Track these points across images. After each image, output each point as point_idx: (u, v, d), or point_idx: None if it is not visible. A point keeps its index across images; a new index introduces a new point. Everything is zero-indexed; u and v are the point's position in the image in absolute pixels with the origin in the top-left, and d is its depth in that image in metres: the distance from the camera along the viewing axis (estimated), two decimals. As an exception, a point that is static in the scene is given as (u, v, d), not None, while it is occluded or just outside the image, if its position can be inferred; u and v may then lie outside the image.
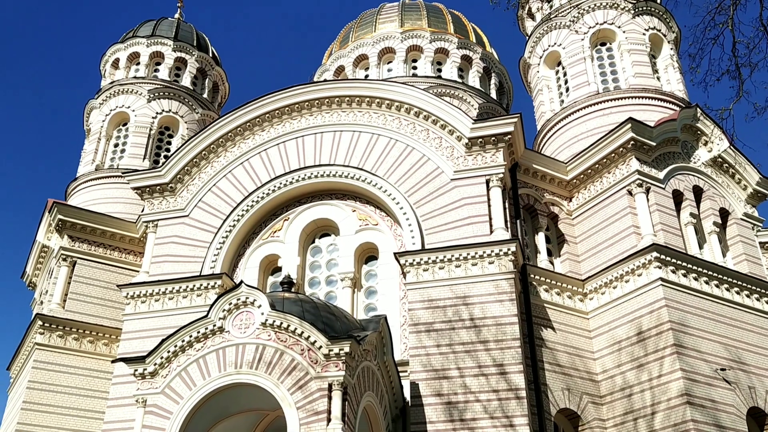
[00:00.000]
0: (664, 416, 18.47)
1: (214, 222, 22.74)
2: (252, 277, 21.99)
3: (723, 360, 19.56)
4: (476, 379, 18.10)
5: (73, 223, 25.21)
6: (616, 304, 20.82)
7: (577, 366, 20.35)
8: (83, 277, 24.88)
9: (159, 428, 15.10)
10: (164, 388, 15.51)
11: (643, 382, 19.25)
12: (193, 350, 15.73)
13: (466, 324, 18.86)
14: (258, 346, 15.35)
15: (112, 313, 24.45)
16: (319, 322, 15.63)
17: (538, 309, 20.55)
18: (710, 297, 20.61)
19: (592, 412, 19.82)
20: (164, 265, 22.43)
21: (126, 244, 25.86)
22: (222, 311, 15.80)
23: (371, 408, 16.65)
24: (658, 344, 19.21)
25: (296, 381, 14.83)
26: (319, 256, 22.65)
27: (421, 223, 20.79)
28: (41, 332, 23.48)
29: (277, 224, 22.89)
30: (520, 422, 17.38)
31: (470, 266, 19.66)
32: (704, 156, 23.96)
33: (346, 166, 22.40)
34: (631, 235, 21.19)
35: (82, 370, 23.48)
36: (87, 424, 22.60)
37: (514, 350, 18.31)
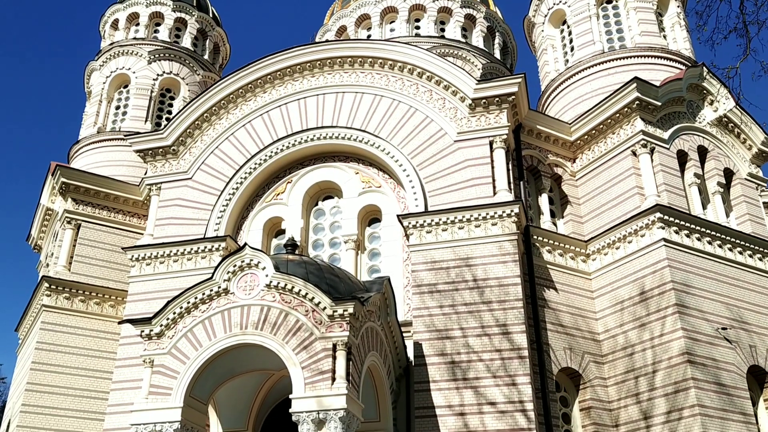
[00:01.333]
0: (665, 374, 18.70)
1: (217, 184, 22.74)
2: (256, 239, 22.08)
3: (724, 319, 19.71)
4: (479, 339, 18.29)
5: (76, 186, 25.25)
6: (618, 264, 20.90)
7: (579, 326, 20.54)
8: (88, 239, 25.02)
9: (166, 387, 15.34)
10: (171, 349, 15.70)
11: (645, 341, 19.45)
12: (199, 311, 15.89)
13: (469, 285, 18.97)
14: (263, 308, 15.50)
15: (118, 275, 24.64)
16: (323, 283, 15.75)
17: (541, 270, 20.64)
18: (713, 257, 20.68)
19: (593, 370, 20.06)
20: (168, 228, 22.52)
21: (130, 206, 25.92)
22: (227, 273, 15.91)
23: (375, 367, 16.88)
24: (660, 304, 19.35)
25: (301, 341, 15.00)
26: (323, 219, 22.69)
27: (424, 185, 20.76)
28: (48, 294, 23.71)
29: (280, 187, 22.89)
30: (522, 381, 17.62)
31: (473, 228, 19.69)
32: (710, 116, 23.78)
33: (349, 128, 22.29)
34: (635, 196, 21.17)
35: (89, 331, 23.78)
36: (96, 384, 22.97)
37: (516, 311, 18.46)
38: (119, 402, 20.08)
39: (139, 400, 15.45)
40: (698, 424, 17.58)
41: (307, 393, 14.49)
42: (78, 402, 22.68)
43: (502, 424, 17.22)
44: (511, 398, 17.46)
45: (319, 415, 14.25)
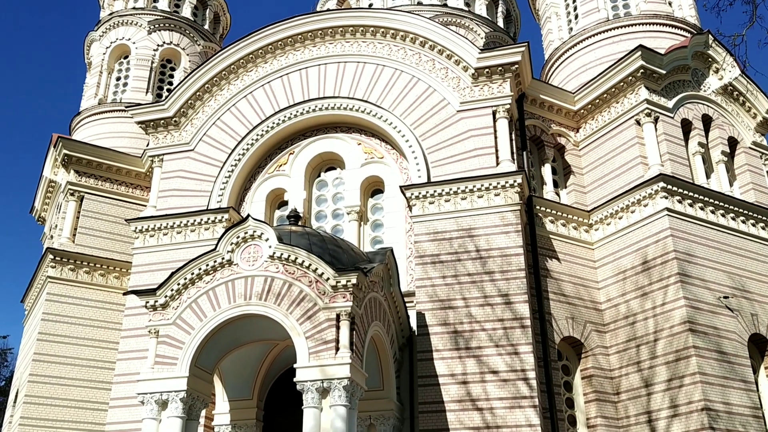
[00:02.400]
0: (666, 343, 18.83)
1: (220, 156, 22.71)
2: (258, 211, 22.10)
3: (726, 288, 19.79)
4: (482, 308, 18.40)
5: (78, 158, 25.23)
6: (621, 234, 20.92)
7: (581, 295, 20.63)
8: (91, 211, 25.07)
9: (172, 357, 15.49)
10: (176, 319, 15.83)
11: (647, 310, 19.55)
12: (203, 282, 15.97)
13: (472, 255, 19.03)
14: (267, 278, 15.57)
15: (122, 246, 24.74)
16: (326, 254, 15.80)
17: (543, 240, 20.68)
18: (716, 226, 20.68)
19: (595, 339, 20.21)
20: (171, 200, 22.54)
21: (132, 178, 25.93)
22: (230, 244, 15.96)
23: (378, 337, 17.02)
24: (663, 273, 19.41)
25: (305, 312, 15.10)
26: (325, 190, 22.68)
27: (427, 156, 20.70)
28: (53, 266, 23.84)
29: (283, 158, 22.85)
30: (525, 350, 17.76)
31: (476, 198, 19.68)
32: (715, 84, 23.59)
33: (351, 99, 22.16)
34: (638, 166, 21.11)
35: (94, 302, 23.95)
36: (102, 354, 23.21)
37: (519, 281, 18.53)
38: (126, 372, 20.31)
39: (145, 369, 15.62)
40: (699, 391, 17.75)
41: (312, 362, 14.62)
42: (85, 372, 22.95)
43: (504, 393, 17.41)
44: (513, 367, 17.62)
45: (323, 384, 14.41)
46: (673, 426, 18.06)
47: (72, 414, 22.33)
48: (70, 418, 22.25)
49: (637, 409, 19.06)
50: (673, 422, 18.10)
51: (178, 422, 15.06)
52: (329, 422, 14.21)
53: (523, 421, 17.06)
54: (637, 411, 19.05)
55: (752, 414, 18.33)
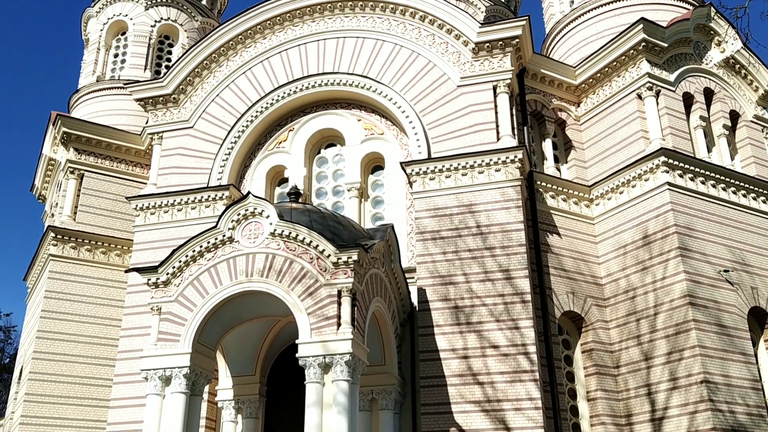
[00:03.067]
0: (666, 316, 18.93)
1: (219, 133, 22.63)
2: (259, 188, 22.09)
3: (727, 262, 19.83)
4: (482, 284, 18.46)
5: (78, 135, 25.17)
6: (622, 209, 20.92)
7: (581, 270, 20.69)
8: (92, 189, 25.07)
9: (174, 334, 15.59)
10: (177, 297, 15.90)
11: (647, 285, 19.62)
12: (204, 260, 16.01)
13: (473, 231, 19.05)
14: (268, 256, 15.61)
15: (123, 224, 24.78)
16: (327, 231, 15.81)
17: (544, 215, 20.69)
18: (717, 200, 20.68)
19: (595, 314, 20.31)
20: (171, 177, 22.52)
21: (132, 156, 25.89)
22: (231, 222, 15.97)
23: (380, 313, 17.11)
24: (663, 248, 19.44)
25: (306, 288, 15.17)
26: (326, 167, 22.63)
27: (427, 132, 20.62)
28: (54, 244, 23.89)
29: (282, 135, 22.77)
30: (525, 324, 17.86)
31: (477, 174, 19.65)
32: (716, 57, 23.43)
33: (350, 74, 22.02)
34: (639, 140, 21.04)
35: (97, 280, 24.05)
36: (105, 331, 23.36)
37: (519, 256, 18.57)
38: (129, 348, 20.45)
39: (148, 346, 15.72)
40: (698, 364, 17.88)
41: (314, 338, 14.72)
42: (88, 348, 23.12)
43: (505, 367, 17.54)
44: (514, 341, 17.73)
45: (325, 359, 14.51)
46: (673, 398, 18.22)
47: (76, 390, 22.54)
48: (74, 394, 22.47)
49: (636, 382, 19.22)
50: (672, 394, 18.26)
51: (182, 398, 15.21)
52: (331, 397, 14.34)
53: (523, 394, 17.22)
54: (636, 384, 19.21)
55: (751, 386, 18.48)
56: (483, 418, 17.18)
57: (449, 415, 17.35)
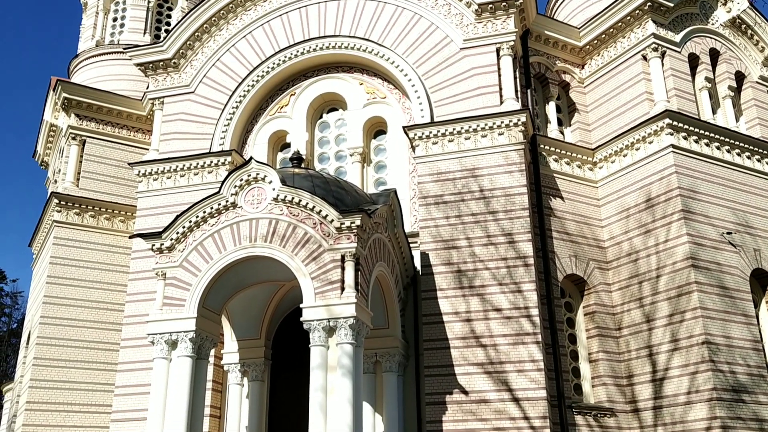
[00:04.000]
0: (669, 279, 19.02)
1: (220, 98, 22.49)
2: (261, 153, 22.03)
3: (730, 224, 19.85)
4: (485, 248, 18.52)
5: (78, 101, 25.05)
6: (625, 172, 20.87)
7: (584, 234, 20.73)
8: (94, 155, 25.04)
9: (180, 299, 15.73)
10: (182, 262, 16.00)
11: (650, 248, 19.67)
12: (208, 225, 16.07)
13: (475, 195, 19.04)
14: (271, 221, 15.66)
15: (126, 190, 24.80)
16: (329, 196, 15.83)
17: (547, 179, 20.65)
18: (721, 162, 20.61)
19: (598, 276, 20.41)
20: (173, 143, 22.46)
21: (133, 122, 25.78)
22: (233, 187, 15.98)
23: (383, 277, 17.21)
24: (666, 210, 19.45)
25: (310, 253, 15.24)
26: (328, 132, 22.53)
27: (430, 95, 20.47)
28: (58, 210, 23.96)
29: (284, 99, 22.62)
30: (528, 288, 17.97)
31: (480, 138, 19.56)
32: (723, 17, 23.10)
33: (352, 37, 21.77)
34: (644, 102, 20.89)
35: (101, 246, 24.16)
36: (111, 296, 23.56)
37: (522, 220, 18.59)
38: (135, 313, 20.64)
39: (154, 311, 15.88)
40: (700, 325, 18.02)
41: (318, 302, 14.85)
42: (95, 313, 23.33)
43: (507, 329, 17.70)
44: (516, 304, 17.86)
45: (329, 323, 14.66)
46: (674, 359, 18.40)
47: (84, 354, 22.82)
48: (82, 358, 22.76)
49: (638, 344, 19.40)
50: (673, 355, 18.44)
51: (188, 361, 15.41)
52: (336, 359, 14.52)
53: (526, 356, 17.41)
54: (638, 345, 19.39)
55: (752, 347, 18.65)
56: (486, 379, 17.40)
57: (452, 377, 17.57)
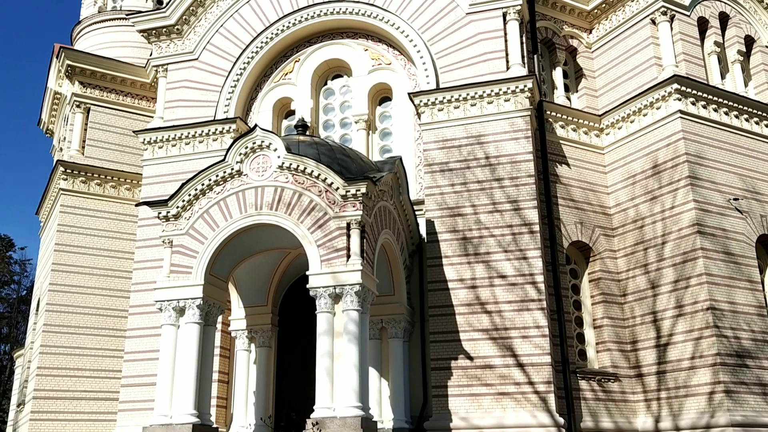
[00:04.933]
0: (674, 245, 19.03)
1: (224, 65, 22.33)
2: (266, 120, 21.93)
3: (737, 190, 19.77)
4: (490, 215, 18.52)
5: (82, 68, 24.93)
6: (632, 138, 20.74)
7: (590, 200, 20.69)
8: (99, 123, 25.00)
9: (186, 266, 15.84)
10: (188, 230, 16.07)
11: (656, 214, 19.65)
12: (214, 193, 16.10)
13: (481, 163, 18.98)
14: (276, 189, 15.67)
15: (131, 158, 24.80)
16: (335, 164, 15.80)
17: (553, 146, 20.54)
18: (729, 128, 20.44)
19: (603, 243, 20.42)
20: (178, 110, 22.38)
21: (137, 89, 25.68)
22: (239, 155, 15.97)
23: (389, 244, 17.27)
24: (673, 177, 19.37)
25: (315, 221, 15.29)
26: (332, 99, 22.39)
27: (436, 61, 20.27)
28: (64, 178, 24.02)
29: (288, 66, 22.44)
30: (533, 255, 18.01)
31: (486, 104, 19.42)
32: (734, -21, 22.71)
33: (357, 2, 21.49)
34: (652, 67, 20.66)
35: (108, 214, 24.27)
36: (118, 264, 23.73)
37: (528, 187, 18.55)
38: (142, 280, 20.80)
39: (162, 278, 16.00)
40: (704, 291, 18.08)
41: (324, 269, 14.94)
42: (103, 281, 23.54)
43: (512, 296, 17.79)
44: (521, 271, 17.92)
45: (335, 290, 14.77)
46: (678, 325, 18.50)
47: (93, 321, 23.10)
48: (91, 325, 23.03)
49: (642, 310, 19.50)
50: (678, 321, 18.54)
51: (196, 328, 15.58)
52: (342, 326, 14.67)
53: (531, 322, 17.52)
54: (642, 311, 19.49)
55: (757, 313, 18.71)
56: (490, 345, 17.55)
57: (457, 342, 17.72)
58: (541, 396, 16.93)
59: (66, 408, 22.08)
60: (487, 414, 17.05)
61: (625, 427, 18.72)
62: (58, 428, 21.92)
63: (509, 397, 17.08)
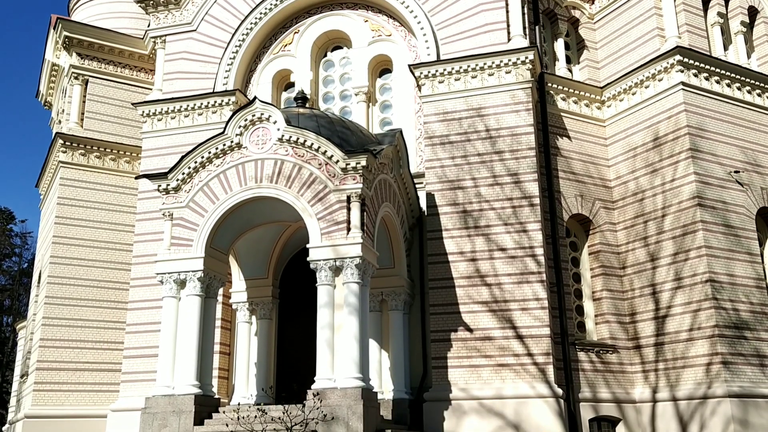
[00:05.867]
0: (674, 218, 19.04)
1: (223, 36, 22.13)
2: (265, 93, 21.80)
3: (738, 163, 19.72)
4: (491, 188, 18.51)
5: (79, 40, 24.71)
6: (634, 110, 20.64)
7: (591, 173, 20.66)
8: (97, 95, 24.85)
9: (187, 239, 15.88)
10: (188, 202, 16.07)
11: (656, 187, 19.63)
12: (213, 166, 16.07)
13: (482, 135, 18.91)
14: (276, 161, 15.64)
15: (130, 131, 24.70)
16: (334, 137, 15.74)
17: (554, 118, 20.44)
18: (731, 100, 20.32)
19: (603, 216, 20.43)
20: (176, 83, 22.23)
21: (136, 61, 25.46)
22: (238, 127, 15.91)
23: (389, 217, 17.29)
24: (674, 149, 19.32)
25: (316, 194, 15.28)
26: (332, 71, 22.23)
27: (436, 33, 20.08)
28: (63, 151, 23.94)
29: (287, 37, 22.24)
30: (533, 228, 18.03)
31: (486, 76, 19.28)
32: (739, -52, 22.40)
33: (357, -28, 21.23)
34: (655, 38, 20.48)
35: (108, 186, 24.23)
36: (119, 237, 23.76)
37: (529, 160, 18.51)
38: (143, 253, 20.86)
39: (162, 251, 16.04)
40: (704, 263, 18.13)
41: (324, 242, 14.98)
42: (104, 253, 23.59)
43: (512, 269, 17.85)
44: (521, 244, 17.96)
45: (335, 262, 14.82)
46: (677, 297, 18.59)
47: (94, 293, 23.19)
48: (92, 297, 23.14)
49: (641, 282, 19.58)
50: (676, 293, 18.63)
51: (197, 300, 15.67)
52: (342, 298, 14.75)
53: (530, 295, 17.61)
54: (641, 284, 19.57)
55: (756, 285, 18.79)
56: (490, 317, 17.65)
57: (457, 314, 17.82)
58: (540, 367, 17.08)
59: (69, 379, 22.30)
60: (487, 385, 17.22)
61: (622, 398, 18.92)
62: (61, 398, 22.16)
63: (508, 369, 17.23)
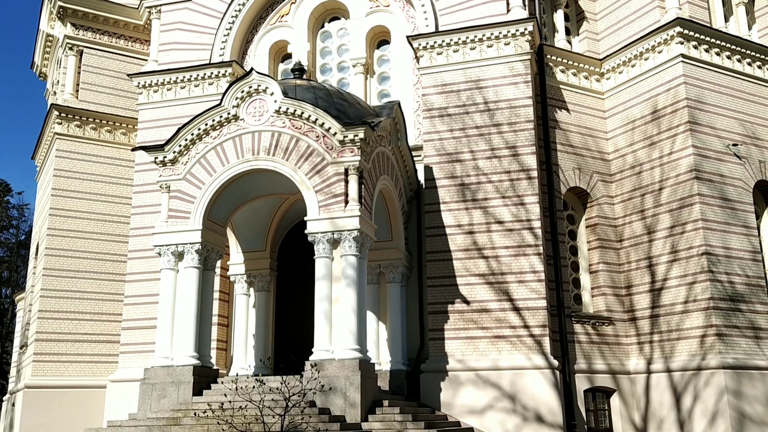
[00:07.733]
0: (671, 191, 19.06)
1: (219, 6, 21.87)
2: (262, 64, 21.61)
3: (737, 136, 19.67)
4: (489, 161, 18.47)
5: (74, 9, 24.36)
6: (633, 83, 20.52)
7: (589, 146, 20.61)
8: (92, 66, 24.59)
9: (185, 211, 15.87)
10: (186, 175, 16.03)
11: (654, 160, 19.60)
12: (210, 138, 16.01)
13: (480, 108, 18.81)
14: (273, 134, 15.57)
15: (126, 102, 24.51)
16: (332, 108, 15.66)
17: (553, 90, 20.32)
18: (731, 72, 20.20)
19: (601, 189, 20.43)
20: (172, 54, 22.01)
21: (131, 31, 25.15)
22: (235, 99, 15.81)
23: (387, 190, 17.27)
24: (672, 122, 19.26)
25: (313, 166, 15.24)
26: (330, 42, 22.02)
27: (435, 3, 19.86)
28: (59, 122, 23.77)
29: (284, 8, 21.98)
30: (531, 200, 18.04)
31: (485, 48, 19.12)
32: None
33: (354, -59, 20.93)
34: (655, 9, 20.29)
35: (104, 158, 24.09)
36: (116, 209, 23.69)
37: (527, 132, 18.44)
38: (140, 225, 20.84)
39: (160, 223, 16.05)
40: (700, 236, 18.18)
41: (322, 215, 14.99)
42: (101, 225, 23.54)
43: (509, 241, 17.89)
44: (519, 217, 17.98)
45: (333, 235, 14.85)
46: (673, 270, 18.68)
47: (92, 265, 23.19)
48: (90, 269, 23.14)
49: (638, 255, 19.65)
50: (672, 266, 18.71)
51: (195, 272, 15.72)
52: (340, 270, 14.80)
53: (527, 267, 17.67)
54: (638, 257, 19.64)
55: (751, 258, 18.86)
56: (487, 289, 17.74)
57: (454, 287, 17.91)
58: (536, 339, 17.22)
59: (68, 350, 22.41)
60: (483, 356, 17.37)
61: (617, 369, 19.10)
62: (60, 369, 22.30)
63: (505, 340, 17.37)
